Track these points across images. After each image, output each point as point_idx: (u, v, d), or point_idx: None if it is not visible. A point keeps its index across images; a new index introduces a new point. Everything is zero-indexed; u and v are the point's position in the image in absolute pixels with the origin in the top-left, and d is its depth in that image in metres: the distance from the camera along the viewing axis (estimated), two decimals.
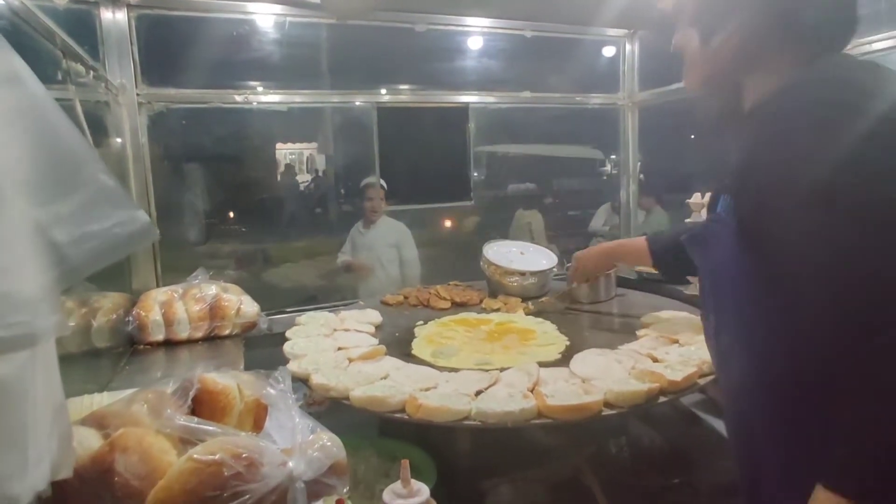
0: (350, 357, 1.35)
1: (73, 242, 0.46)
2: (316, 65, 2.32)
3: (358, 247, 3.02)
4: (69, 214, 0.46)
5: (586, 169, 3.91)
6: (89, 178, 0.48)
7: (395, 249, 2.99)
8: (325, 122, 3.19)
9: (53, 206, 0.45)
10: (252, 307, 1.66)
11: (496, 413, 1.02)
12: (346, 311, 1.78)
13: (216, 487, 0.64)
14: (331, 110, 2.44)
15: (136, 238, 0.51)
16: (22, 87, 0.44)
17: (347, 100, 2.13)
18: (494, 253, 2.09)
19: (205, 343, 1.59)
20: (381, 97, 2.14)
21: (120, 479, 0.64)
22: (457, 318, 1.80)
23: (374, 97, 2.13)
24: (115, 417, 0.73)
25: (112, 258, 0.49)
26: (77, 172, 0.47)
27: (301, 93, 2.11)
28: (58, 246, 0.45)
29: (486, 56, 2.46)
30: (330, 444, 0.73)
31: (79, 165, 0.47)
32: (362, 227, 3.01)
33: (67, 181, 0.46)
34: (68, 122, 0.48)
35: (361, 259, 2.97)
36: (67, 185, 0.46)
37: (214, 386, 0.87)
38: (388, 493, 0.89)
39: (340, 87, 2.21)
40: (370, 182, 2.99)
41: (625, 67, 2.55)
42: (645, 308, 1.75)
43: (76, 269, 0.46)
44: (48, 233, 0.44)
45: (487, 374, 1.24)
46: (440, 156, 2.25)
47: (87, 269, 0.47)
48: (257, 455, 0.68)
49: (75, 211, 0.46)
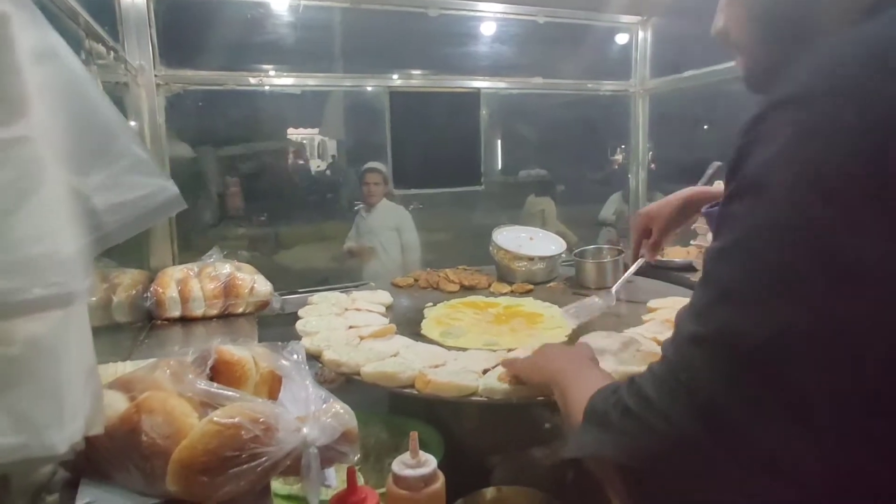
0: (361, 335, 1.39)
1: (109, 210, 0.49)
2: (329, 49, 2.33)
3: (361, 231, 3.13)
4: (105, 183, 0.49)
5: (596, 157, 3.90)
6: (123, 149, 0.50)
7: (395, 233, 3.08)
8: (336, 107, 3.21)
9: (91, 175, 0.48)
10: (265, 286, 1.70)
11: (502, 390, 1.05)
12: (358, 292, 1.82)
13: (235, 448, 0.68)
14: (342, 95, 2.45)
15: (165, 207, 0.54)
16: (60, 62, 0.47)
17: (360, 83, 2.15)
18: (504, 238, 2.11)
19: (219, 320, 1.63)
20: (393, 81, 2.16)
21: (147, 438, 0.67)
22: (465, 301, 1.83)
23: (386, 81, 2.15)
24: (140, 382, 0.77)
25: (143, 226, 0.53)
26: (112, 143, 0.50)
27: (314, 76, 2.13)
28: (95, 213, 0.48)
29: (498, 42, 2.46)
30: (342, 412, 0.76)
31: (113, 136, 0.50)
32: (364, 211, 3.12)
33: (103, 151, 0.49)
34: (103, 95, 0.50)
35: (364, 243, 3.05)
36: (103, 156, 0.49)
37: (231, 357, 0.90)
38: (397, 463, 0.93)
39: (353, 71, 2.22)
40: (369, 167, 3.07)
41: (637, 54, 2.55)
42: (651, 294, 1.77)
43: (110, 236, 0.49)
44: (86, 200, 0.47)
45: (494, 353, 1.27)
46: (451, 141, 2.26)
47: (121, 235, 0.50)
48: (273, 420, 0.71)
49: (110, 180, 0.49)
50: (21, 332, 0.45)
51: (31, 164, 0.42)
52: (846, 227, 0.43)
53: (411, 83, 2.21)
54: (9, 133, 0.42)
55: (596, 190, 3.71)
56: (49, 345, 0.47)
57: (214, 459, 0.66)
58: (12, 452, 0.48)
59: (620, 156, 4.10)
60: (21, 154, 0.42)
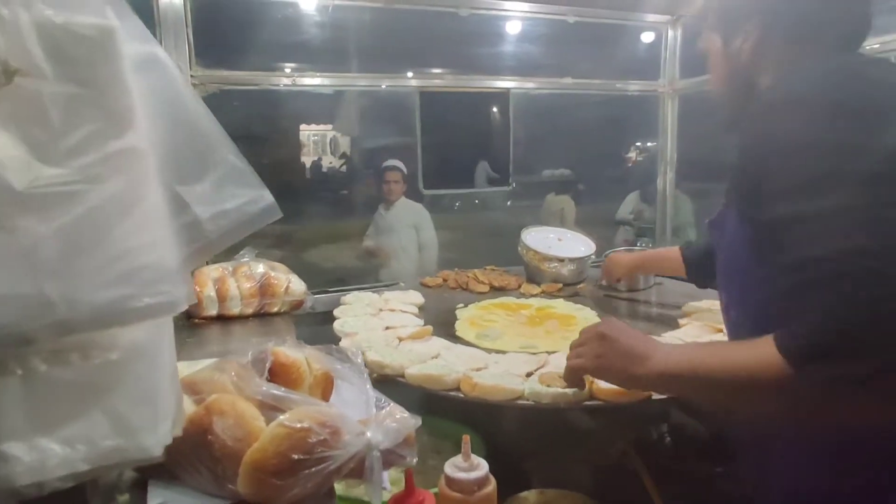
0: (400, 336, 1.39)
1: (211, 219, 0.49)
2: (358, 48, 2.34)
3: (380, 228, 3.15)
4: (207, 192, 0.49)
5: (618, 157, 3.87)
6: (222, 158, 0.51)
7: (413, 231, 3.09)
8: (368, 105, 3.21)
9: (193, 185, 0.49)
10: (300, 286, 1.71)
11: (550, 394, 1.05)
12: (390, 293, 1.82)
13: (304, 451, 0.68)
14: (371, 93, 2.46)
15: (263, 216, 0.55)
16: (161, 71, 0.48)
17: (392, 83, 2.15)
18: (533, 238, 2.11)
19: (256, 319, 1.65)
20: (424, 80, 2.16)
21: (218, 440, 0.68)
22: (497, 302, 1.83)
23: (416, 80, 2.15)
24: (205, 384, 0.78)
25: (242, 234, 0.53)
26: (212, 152, 0.50)
27: (345, 76, 2.15)
28: (199, 222, 0.49)
29: (527, 41, 2.45)
30: (407, 417, 0.77)
31: (213, 145, 0.51)
32: (383, 209, 3.14)
33: (204, 160, 0.50)
34: (201, 103, 0.51)
35: (383, 241, 3.08)
36: (204, 165, 0.50)
37: (286, 359, 0.91)
38: (449, 465, 0.94)
39: (380, 71, 2.23)
40: (389, 165, 3.09)
41: (666, 54, 2.53)
42: (683, 297, 1.75)
43: (213, 244, 0.50)
44: (190, 209, 0.48)
45: (535, 356, 1.27)
46: (480, 141, 2.26)
47: (223, 244, 0.51)
48: (340, 424, 0.72)
49: (212, 189, 0.50)
50: (124, 339, 0.46)
51: (140, 175, 0.43)
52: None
53: (441, 83, 2.21)
54: (119, 144, 0.42)
55: (614, 188, 3.68)
56: (147, 349, 0.48)
57: (285, 462, 0.67)
58: (111, 455, 0.49)
59: (634, 153, 4.09)
60: (130, 165, 0.43)
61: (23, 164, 0.39)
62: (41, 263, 0.39)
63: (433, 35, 2.27)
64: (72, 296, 0.40)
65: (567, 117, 2.90)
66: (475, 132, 2.26)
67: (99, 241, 0.41)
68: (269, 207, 0.55)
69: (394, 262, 3.06)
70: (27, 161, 0.40)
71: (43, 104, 0.41)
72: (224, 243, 0.53)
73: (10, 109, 0.40)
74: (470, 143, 2.26)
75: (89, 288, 0.41)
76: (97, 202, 0.41)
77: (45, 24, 0.41)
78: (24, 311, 0.39)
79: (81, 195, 0.41)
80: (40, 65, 0.41)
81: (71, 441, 0.46)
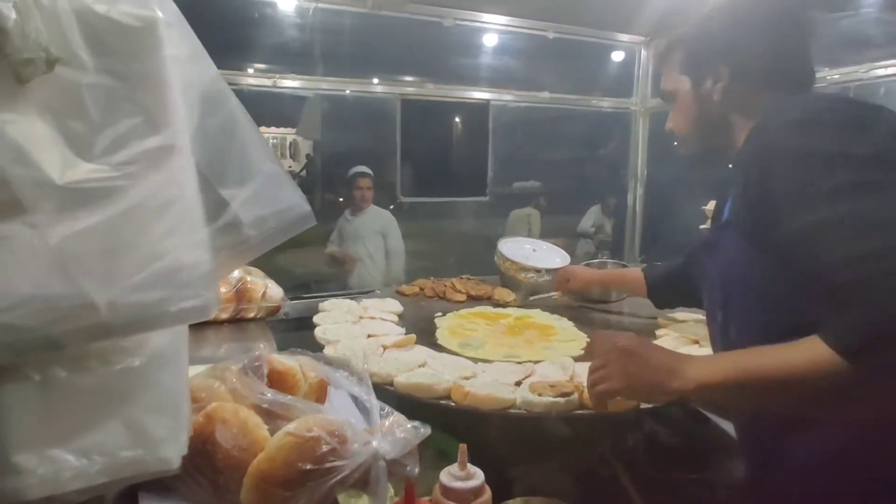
0: (383, 345, 1.38)
1: (253, 223, 0.48)
2: (339, 53, 2.31)
3: (345, 235, 3.07)
4: (248, 196, 0.48)
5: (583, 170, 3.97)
6: (262, 162, 0.50)
7: (381, 238, 3.05)
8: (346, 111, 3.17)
9: (234, 187, 0.47)
10: (277, 291, 1.67)
11: (542, 403, 1.06)
12: (368, 300, 1.80)
13: (313, 461, 0.66)
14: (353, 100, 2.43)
15: (300, 222, 0.54)
16: (202, 68, 0.46)
17: (371, 89, 2.15)
18: (509, 249, 2.13)
19: (230, 325, 1.60)
20: (405, 88, 2.16)
21: (220, 450, 0.66)
22: (475, 311, 1.84)
23: (397, 88, 2.15)
24: (202, 391, 0.75)
25: (279, 240, 0.52)
26: (252, 155, 0.49)
27: (327, 80, 2.12)
28: (239, 224, 0.47)
29: (507, 54, 2.49)
30: (415, 427, 0.76)
31: (253, 148, 0.49)
32: (350, 214, 3.07)
33: (245, 163, 0.48)
34: (240, 104, 0.50)
35: (348, 247, 3.02)
36: (245, 167, 0.48)
37: (282, 366, 0.89)
38: (445, 474, 0.93)
39: (363, 76, 2.22)
40: (359, 171, 3.05)
41: (639, 73, 2.61)
42: (655, 309, 1.80)
43: (252, 249, 0.49)
44: (231, 210, 0.46)
45: (521, 366, 1.28)
46: (458, 150, 2.27)
47: (263, 248, 0.50)
48: (347, 432, 0.71)
49: (253, 192, 0.48)
50: (149, 345, 0.44)
51: (178, 173, 0.41)
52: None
53: (422, 91, 2.22)
54: (157, 141, 0.41)
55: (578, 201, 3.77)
56: (170, 355, 0.46)
57: (293, 472, 0.65)
58: (129, 467, 0.46)
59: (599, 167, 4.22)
60: (168, 162, 0.41)
61: (61, 157, 0.37)
62: (79, 262, 0.37)
63: (416, 43, 2.28)
64: (113, 297, 0.38)
65: (541, 130, 2.95)
66: (455, 142, 2.26)
67: (136, 241, 0.39)
68: (305, 215, 0.54)
69: (361, 268, 3.01)
70: (64, 154, 0.37)
71: (81, 96, 0.39)
72: (262, 248, 0.51)
73: (49, 100, 0.38)
74: (448, 153, 2.26)
75: (128, 289, 0.39)
76: (134, 200, 0.39)
77: (85, 12, 0.39)
78: (57, 314, 0.37)
79: (119, 192, 0.39)
80: (80, 54, 0.39)
81: (87, 452, 0.44)
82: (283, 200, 0.51)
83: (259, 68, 2.10)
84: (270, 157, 0.51)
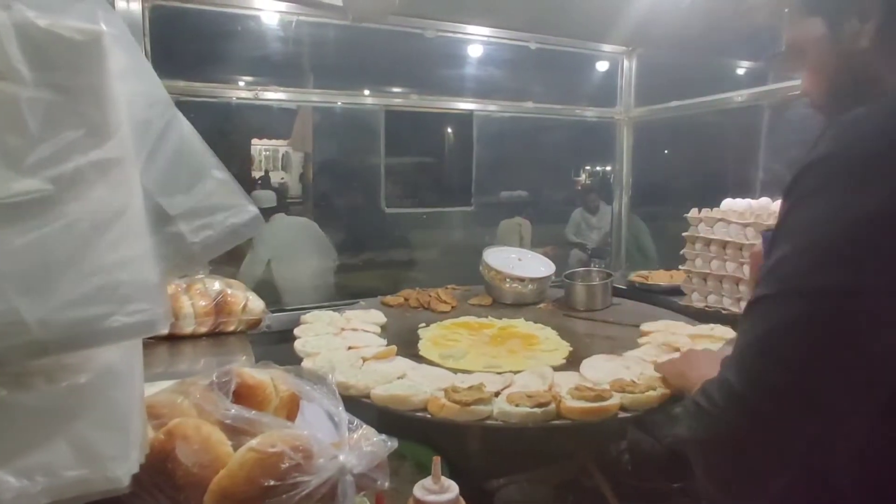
0: (364, 357, 1.37)
1: (194, 232, 0.47)
2: (322, 65, 2.32)
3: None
4: (190, 204, 0.47)
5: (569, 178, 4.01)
6: (205, 170, 0.49)
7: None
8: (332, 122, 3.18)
9: (176, 197, 0.46)
10: (258, 304, 1.66)
11: (518, 413, 1.05)
12: (351, 311, 1.79)
13: (276, 477, 0.65)
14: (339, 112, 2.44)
15: (247, 227, 0.53)
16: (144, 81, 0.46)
17: (356, 101, 2.15)
18: (494, 258, 2.13)
19: (209, 339, 1.58)
20: (389, 100, 2.17)
21: (181, 467, 0.65)
22: (459, 322, 1.83)
23: (381, 99, 2.15)
24: (165, 407, 0.73)
25: (225, 247, 0.51)
26: (195, 164, 0.48)
27: (309, 91, 2.12)
28: (181, 234, 0.46)
29: (491, 65, 2.50)
30: (382, 440, 0.75)
31: (196, 157, 0.49)
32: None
33: (188, 173, 0.48)
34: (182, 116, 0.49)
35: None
36: (188, 177, 0.48)
37: (252, 380, 0.88)
38: (419, 488, 0.92)
39: (347, 88, 2.22)
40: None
41: (622, 83, 2.64)
42: (639, 317, 1.81)
43: (196, 258, 0.48)
44: (174, 221, 0.46)
45: (501, 376, 1.28)
46: (443, 161, 2.27)
47: (205, 258, 0.49)
48: (313, 447, 0.70)
49: (195, 201, 0.48)
50: (97, 360, 0.43)
51: (121, 186, 0.41)
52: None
53: (406, 102, 2.23)
54: (99, 154, 0.40)
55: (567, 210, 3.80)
56: (120, 372, 0.45)
57: (256, 488, 0.64)
58: (74, 487, 0.45)
59: (584, 175, 4.27)
60: (110, 176, 0.40)
61: None
62: (12, 279, 0.36)
63: (399, 55, 2.29)
64: (45, 315, 0.37)
65: (526, 140, 2.97)
66: (438, 153, 2.27)
67: (74, 256, 0.39)
68: (252, 219, 0.53)
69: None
70: None
71: (19, 110, 0.38)
72: (207, 256, 0.51)
73: None
74: (433, 163, 2.26)
75: (63, 306, 0.38)
76: (75, 214, 0.39)
77: (27, 26, 0.39)
78: None
79: (57, 207, 0.38)
80: (18, 68, 0.38)
81: (29, 472, 0.43)
82: (228, 207, 0.51)
83: (243, 80, 2.10)
84: (216, 164, 0.51)
